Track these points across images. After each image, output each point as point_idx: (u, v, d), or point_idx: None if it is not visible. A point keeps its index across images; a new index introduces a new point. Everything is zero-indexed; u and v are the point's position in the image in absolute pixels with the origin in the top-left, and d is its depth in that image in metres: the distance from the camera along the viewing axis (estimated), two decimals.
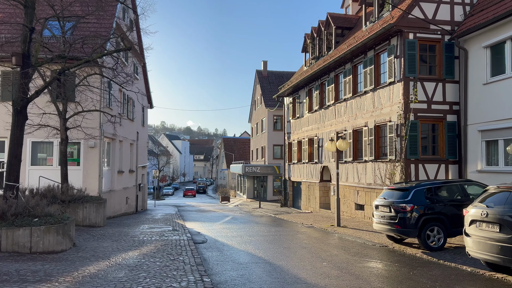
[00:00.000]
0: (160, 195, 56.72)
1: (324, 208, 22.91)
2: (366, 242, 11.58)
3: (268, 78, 43.55)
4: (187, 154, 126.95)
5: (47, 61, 9.83)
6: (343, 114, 20.31)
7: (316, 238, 12.60)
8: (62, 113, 13.36)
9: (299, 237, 12.71)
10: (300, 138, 26.58)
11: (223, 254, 9.35)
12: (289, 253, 9.63)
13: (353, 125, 19.07)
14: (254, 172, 38.77)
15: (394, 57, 15.84)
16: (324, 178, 23.32)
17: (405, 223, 10.00)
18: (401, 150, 15.29)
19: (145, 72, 26.15)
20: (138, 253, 8.95)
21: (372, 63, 17.48)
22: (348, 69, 19.73)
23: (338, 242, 11.62)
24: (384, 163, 16.43)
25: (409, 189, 10.35)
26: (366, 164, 17.87)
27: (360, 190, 18.29)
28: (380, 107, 16.86)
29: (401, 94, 15.42)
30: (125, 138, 20.74)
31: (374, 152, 17.13)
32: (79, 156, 16.19)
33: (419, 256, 9.43)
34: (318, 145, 23.41)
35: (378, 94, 17.08)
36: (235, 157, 63.05)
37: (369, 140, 17.48)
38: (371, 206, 17.33)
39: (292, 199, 28.97)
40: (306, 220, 18.93)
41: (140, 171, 25.36)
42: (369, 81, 17.70)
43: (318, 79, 23.48)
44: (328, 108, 22.09)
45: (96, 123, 15.58)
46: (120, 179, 20.45)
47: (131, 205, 23.01)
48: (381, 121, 16.75)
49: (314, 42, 25.50)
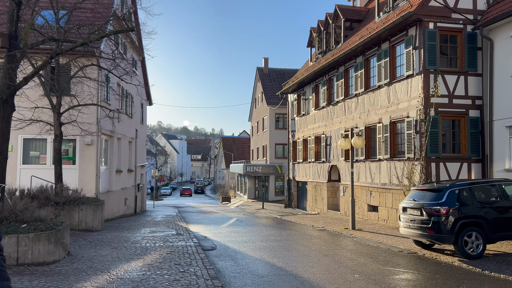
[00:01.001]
0: (158, 195, 55.54)
1: (332, 209, 21.87)
2: (391, 248, 10.53)
3: (270, 75, 42.48)
4: (185, 153, 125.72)
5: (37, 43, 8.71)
6: (354, 111, 19.26)
7: (334, 243, 11.54)
8: (56, 107, 12.23)
9: (315, 242, 11.64)
10: (305, 136, 25.52)
11: (238, 264, 8.26)
12: (312, 263, 8.56)
13: (366, 122, 18.02)
14: (256, 172, 37.70)
15: (413, 48, 14.80)
16: (332, 178, 22.27)
17: (440, 228, 8.95)
18: (421, 148, 14.25)
19: (144, 67, 25.01)
20: (142, 263, 7.86)
21: (387, 55, 16.44)
22: (359, 63, 18.68)
23: (360, 248, 10.56)
24: (401, 161, 15.39)
25: (443, 189, 9.30)
26: (380, 163, 16.83)
27: (374, 191, 17.25)
28: (397, 102, 15.82)
29: (420, 87, 14.39)
30: (123, 136, 19.62)
31: (390, 150, 16.08)
32: (75, 154, 15.07)
33: (458, 265, 8.38)
34: (325, 143, 22.35)
35: (394, 88, 16.04)
36: (234, 156, 61.97)
37: (384, 137, 16.44)
38: (386, 208, 16.31)
39: (296, 200, 27.91)
40: (315, 222, 17.87)
41: (139, 171, 24.24)
42: (383, 74, 16.66)
43: (326, 74, 22.43)
44: (337, 104, 21.04)
45: (93, 118, 14.45)
46: (119, 179, 19.33)
47: (129, 207, 21.88)
48: (397, 117, 15.71)
49: (320, 36, 24.44)
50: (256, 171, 37.54)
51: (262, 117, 41.74)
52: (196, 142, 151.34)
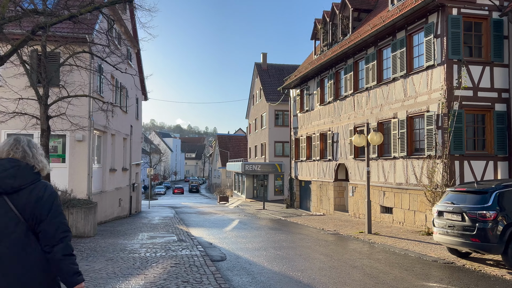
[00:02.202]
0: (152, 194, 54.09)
1: (339, 210, 20.70)
2: (422, 256, 9.34)
3: (268, 71, 41.20)
4: (179, 152, 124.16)
5: (17, 17, 7.41)
6: (364, 105, 18.07)
7: (356, 250, 10.33)
8: (42, 98, 10.88)
9: (334, 249, 10.43)
10: (309, 133, 24.31)
11: (257, 281, 6.99)
12: (343, 278, 7.32)
13: (378, 117, 16.84)
14: (254, 171, 36.43)
15: (434, 37, 13.63)
16: (339, 177, 21.09)
17: (487, 236, 7.76)
18: (443, 145, 13.09)
19: (139, 60, 23.61)
20: (144, 281, 6.58)
21: (403, 45, 15.26)
22: (371, 54, 17.49)
23: (387, 257, 9.35)
24: (420, 160, 14.23)
25: (488, 191, 8.10)
26: (395, 162, 15.66)
27: (388, 191, 16.08)
28: (414, 95, 14.65)
29: (443, 79, 13.22)
30: (118, 132, 18.26)
31: (407, 148, 14.91)
32: (65, 152, 13.71)
33: (510, 279, 7.20)
34: (332, 140, 21.16)
35: (411, 81, 14.87)
36: (230, 155, 60.66)
37: (400, 133, 15.26)
38: (401, 209, 15.15)
39: (299, 200, 26.71)
40: (324, 224, 16.68)
41: (134, 169, 22.86)
42: (399, 66, 15.48)
43: (333, 67, 21.22)
44: (345, 99, 19.84)
45: (85, 111, 13.09)
46: (113, 178, 17.98)
47: (124, 208, 20.53)
48: (415, 111, 14.54)
49: (326, 28, 23.23)
50: (255, 170, 36.29)
51: (260, 114, 40.47)
52: (190, 141, 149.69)
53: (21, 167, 2.48)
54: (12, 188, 2.42)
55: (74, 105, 11.88)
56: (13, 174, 2.44)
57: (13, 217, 2.38)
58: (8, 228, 2.36)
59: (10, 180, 2.42)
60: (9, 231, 2.36)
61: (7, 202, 2.40)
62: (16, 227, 2.38)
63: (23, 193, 2.43)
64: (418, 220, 14.26)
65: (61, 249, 2.43)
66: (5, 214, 2.38)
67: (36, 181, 2.51)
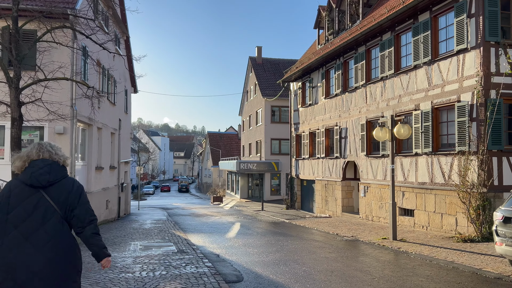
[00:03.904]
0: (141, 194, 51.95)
1: (348, 212, 19.04)
2: (476, 271, 7.69)
3: (263, 65, 39.41)
4: (167, 151, 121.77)
5: None
6: (379, 97, 16.42)
7: (392, 263, 8.64)
8: (13, 80, 8.94)
9: (367, 262, 8.72)
10: (313, 129, 22.61)
11: None
12: None
13: (396, 110, 15.20)
14: (250, 169, 34.63)
15: (467, 17, 12.01)
16: (347, 176, 19.43)
17: None
18: (479, 139, 11.48)
19: (128, 49, 21.60)
20: None
21: (427, 28, 13.62)
22: (387, 40, 15.83)
23: (437, 273, 7.68)
24: (448, 156, 12.62)
25: None
26: (416, 158, 14.04)
27: (407, 191, 14.45)
28: (441, 84, 13.03)
29: (478, 64, 11.62)
30: (105, 126, 16.29)
31: (432, 143, 13.29)
32: None
33: None
34: (340, 136, 19.48)
35: (437, 68, 13.25)
36: (222, 153, 58.80)
37: (423, 127, 13.64)
38: (425, 212, 13.53)
39: (300, 200, 25.00)
40: (336, 228, 14.99)
41: (123, 168, 20.89)
42: (422, 52, 13.85)
43: (341, 56, 19.54)
44: (356, 90, 18.18)
45: (66, 98, 11.14)
46: (99, 178, 16.02)
47: (112, 210, 18.56)
48: (443, 102, 12.92)
49: (332, 15, 21.55)
50: (250, 169, 34.50)
51: (255, 110, 38.67)
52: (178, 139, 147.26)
53: (52, 164, 3.04)
54: (48, 182, 2.96)
55: (53, 89, 9.93)
56: (48, 171, 2.98)
57: (49, 207, 2.93)
58: (47, 216, 2.91)
59: (46, 176, 2.96)
60: (48, 218, 2.91)
61: (44, 195, 2.94)
62: (52, 215, 2.93)
63: (56, 186, 2.98)
64: (447, 224, 12.65)
65: (90, 229, 3.07)
66: (43, 205, 2.92)
67: (65, 176, 3.08)
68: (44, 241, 2.81)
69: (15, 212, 2.86)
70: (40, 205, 2.88)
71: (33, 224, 2.84)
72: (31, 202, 2.88)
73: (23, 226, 2.82)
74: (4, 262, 2.76)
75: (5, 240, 2.81)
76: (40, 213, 2.86)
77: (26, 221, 2.84)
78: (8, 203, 2.89)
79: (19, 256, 2.76)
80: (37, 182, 2.92)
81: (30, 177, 2.92)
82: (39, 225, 2.84)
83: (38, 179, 2.91)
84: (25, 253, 2.77)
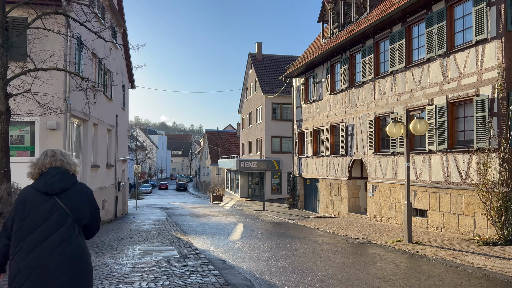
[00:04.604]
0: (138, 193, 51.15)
1: (355, 212, 18.32)
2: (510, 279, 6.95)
3: (264, 62, 38.63)
4: (165, 149, 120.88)
5: None
6: (388, 92, 15.69)
7: (415, 269, 7.92)
8: (0, 70, 8.14)
9: (388, 269, 7.99)
10: (316, 126, 21.87)
11: None
12: None
13: (407, 105, 14.48)
14: (250, 168, 33.86)
15: (487, 5, 11.28)
16: (353, 175, 18.71)
17: None
18: (501, 135, 10.76)
19: (125, 42, 20.77)
20: None
21: (442, 18, 12.89)
22: (397, 32, 15.10)
23: (469, 282, 6.96)
24: (466, 153, 11.90)
25: None
26: (430, 156, 13.32)
27: (420, 191, 13.72)
28: (458, 77, 12.30)
29: (500, 55, 10.89)
30: (101, 122, 15.48)
31: (447, 139, 12.57)
32: (34, 143, 10.94)
33: None
34: (346, 133, 18.75)
35: (452, 60, 12.52)
36: (220, 152, 58.04)
37: (438, 123, 12.91)
38: (440, 212, 12.82)
39: (303, 200, 24.27)
40: (344, 229, 14.28)
41: (120, 166, 20.08)
42: (436, 43, 13.12)
43: (347, 50, 18.79)
44: (363, 85, 17.44)
45: (58, 89, 10.34)
46: (95, 177, 15.21)
47: (109, 211, 17.76)
48: (459, 96, 12.20)
49: (337, 8, 20.80)
50: (251, 167, 33.73)
51: (255, 107, 37.89)
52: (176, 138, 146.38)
53: (64, 172, 3.21)
54: (61, 189, 3.13)
55: (43, 79, 9.11)
56: (60, 179, 3.16)
57: (63, 213, 3.09)
58: (61, 220, 3.07)
59: (59, 184, 3.14)
60: (61, 223, 3.06)
61: (57, 201, 3.10)
62: (66, 219, 3.09)
63: (68, 193, 3.15)
64: (464, 225, 11.93)
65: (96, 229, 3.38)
66: (57, 210, 3.08)
67: (76, 182, 3.25)
68: (58, 245, 2.98)
69: (30, 218, 3.03)
70: (55, 211, 3.05)
71: (47, 229, 3.01)
72: (46, 208, 3.05)
73: (38, 231, 2.99)
74: (22, 265, 2.94)
75: (23, 245, 2.98)
76: (54, 219, 3.03)
77: (41, 226, 3.01)
78: (23, 210, 3.06)
79: (35, 259, 2.95)
80: (51, 190, 3.08)
81: (44, 185, 3.08)
82: (54, 230, 3.01)
83: (52, 186, 3.08)
84: (41, 256, 2.95)
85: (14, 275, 2.98)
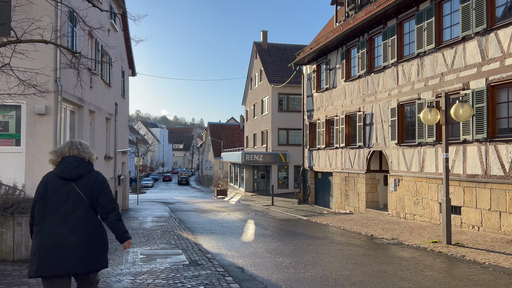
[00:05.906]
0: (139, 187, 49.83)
1: (373, 208, 16.96)
2: None
3: (269, 51, 37.10)
4: (166, 143, 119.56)
5: None
6: (414, 76, 14.26)
7: (473, 280, 6.58)
8: None
9: (440, 279, 6.63)
10: (330, 115, 20.45)
11: None
12: None
13: (437, 90, 13.05)
14: (256, 161, 32.47)
15: None
16: (372, 168, 17.33)
17: None
18: None
19: (125, 26, 19.31)
20: None
21: None
22: (425, 10, 13.63)
23: None
24: (510, 143, 10.50)
25: None
26: (464, 147, 11.91)
27: (452, 185, 12.30)
28: (500, 56, 10.87)
29: None
30: (98, 109, 14.06)
31: (487, 127, 11.15)
32: (20, 130, 9.56)
33: None
34: (363, 123, 17.34)
35: (493, 38, 11.07)
36: (223, 145, 56.67)
37: (475, 109, 11.48)
38: (477, 209, 11.43)
39: (314, 195, 22.91)
40: (366, 228, 12.94)
41: (120, 158, 18.71)
42: (473, 21, 11.66)
43: (365, 33, 17.33)
44: (384, 70, 16.00)
45: (46, 65, 8.89)
46: None
47: None
48: (502, 78, 10.76)
49: None
50: (256, 160, 32.35)
51: (261, 98, 36.43)
52: (177, 131, 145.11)
53: (80, 161, 3.63)
54: (77, 175, 3.57)
55: (28, 53, 7.68)
56: (77, 166, 3.60)
57: (79, 197, 3.52)
58: (77, 204, 3.50)
59: (75, 170, 3.59)
60: (78, 206, 3.50)
61: (74, 186, 3.53)
62: (81, 203, 3.52)
63: (83, 179, 3.59)
64: (507, 224, 10.55)
65: (114, 215, 3.68)
66: (74, 195, 3.52)
67: (92, 170, 3.70)
68: (76, 225, 3.45)
69: (51, 201, 3.49)
70: (72, 195, 3.52)
71: (66, 210, 3.47)
72: (64, 192, 3.52)
73: (58, 212, 3.46)
74: (44, 242, 3.37)
75: (45, 224, 3.43)
76: (71, 202, 3.50)
77: (60, 208, 3.47)
78: (45, 193, 3.51)
79: (56, 237, 3.39)
80: (68, 175, 3.55)
81: (63, 171, 3.56)
82: (71, 211, 3.47)
83: (69, 172, 3.55)
84: (61, 235, 3.40)
85: (35, 252, 3.37)
